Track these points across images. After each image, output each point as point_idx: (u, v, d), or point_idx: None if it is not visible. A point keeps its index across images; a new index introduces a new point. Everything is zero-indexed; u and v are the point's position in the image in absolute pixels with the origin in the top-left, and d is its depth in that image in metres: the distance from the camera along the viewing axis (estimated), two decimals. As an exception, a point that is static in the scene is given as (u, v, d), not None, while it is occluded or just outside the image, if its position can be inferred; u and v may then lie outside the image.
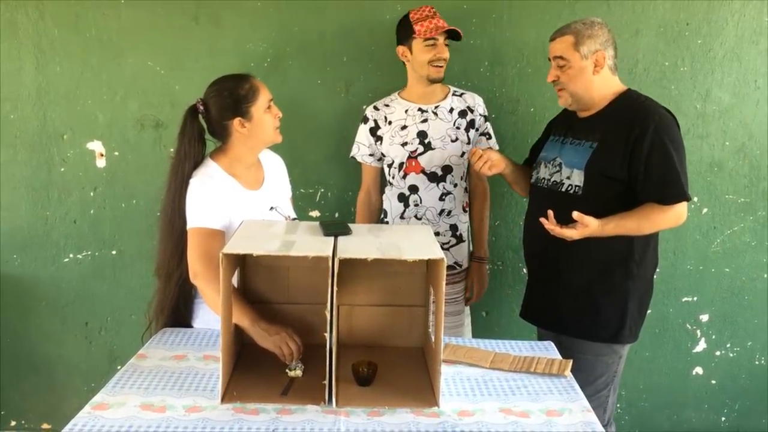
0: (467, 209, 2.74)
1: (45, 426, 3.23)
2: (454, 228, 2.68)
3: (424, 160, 2.62)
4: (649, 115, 2.15)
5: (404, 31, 2.56)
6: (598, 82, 2.23)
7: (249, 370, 1.80)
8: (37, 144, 2.96)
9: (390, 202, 2.70)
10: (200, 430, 1.53)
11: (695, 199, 2.99)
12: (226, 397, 1.66)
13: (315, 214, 2.98)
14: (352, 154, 2.74)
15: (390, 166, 2.68)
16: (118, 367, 1.87)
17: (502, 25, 2.86)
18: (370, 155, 2.71)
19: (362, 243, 1.74)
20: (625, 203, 2.16)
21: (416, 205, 2.64)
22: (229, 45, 2.87)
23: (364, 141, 2.70)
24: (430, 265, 1.84)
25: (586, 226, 2.07)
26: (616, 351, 2.28)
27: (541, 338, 2.39)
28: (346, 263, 1.59)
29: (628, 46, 2.87)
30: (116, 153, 2.97)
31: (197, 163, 2.14)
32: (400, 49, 2.59)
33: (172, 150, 2.91)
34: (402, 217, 2.67)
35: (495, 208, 2.98)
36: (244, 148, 2.16)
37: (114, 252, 3.05)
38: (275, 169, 2.34)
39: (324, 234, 1.79)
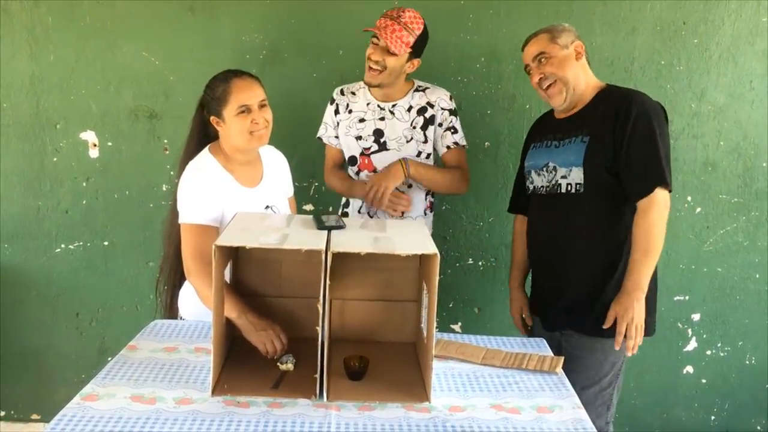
0: (430, 212, 2.67)
1: (34, 416, 3.22)
2: None
3: (376, 160, 2.57)
4: (633, 101, 2.12)
5: None
6: (583, 71, 2.22)
7: (240, 363, 1.80)
8: (30, 133, 2.94)
9: None
10: (190, 422, 1.52)
11: (689, 198, 3.00)
12: (216, 389, 1.65)
13: (309, 207, 2.97)
14: (318, 134, 2.67)
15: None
16: (109, 359, 1.86)
17: (499, 21, 2.86)
18: (336, 137, 2.65)
19: (356, 237, 1.74)
20: (625, 196, 2.14)
21: None
22: (224, 36, 2.86)
23: (330, 122, 2.65)
24: (424, 260, 1.84)
25: (624, 319, 2.05)
26: (621, 349, 2.26)
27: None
28: (339, 257, 1.58)
29: (624, 45, 2.87)
30: (110, 143, 2.95)
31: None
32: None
33: (166, 141, 2.93)
34: (359, 211, 2.64)
35: (489, 205, 2.99)
36: (227, 147, 2.14)
37: (106, 243, 3.04)
38: (276, 167, 2.31)
39: (317, 228, 1.78)
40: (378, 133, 2.57)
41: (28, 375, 3.17)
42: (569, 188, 2.19)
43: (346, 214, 2.66)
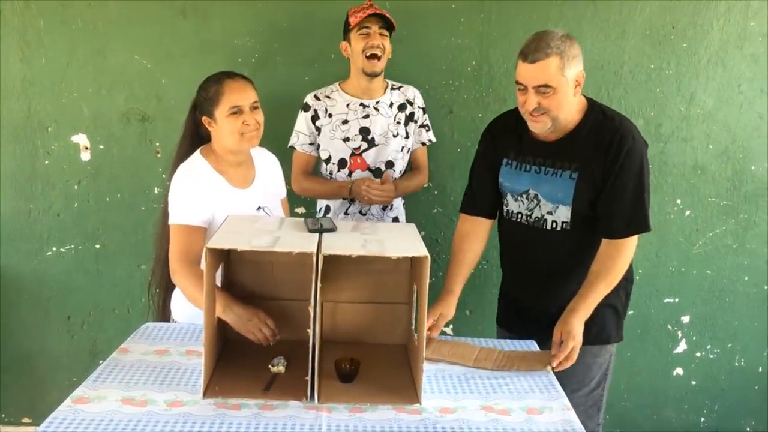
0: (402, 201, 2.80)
1: (25, 420, 3.21)
2: (396, 221, 2.73)
3: (369, 157, 2.63)
4: (623, 136, 2.01)
5: (344, 27, 2.58)
6: (574, 102, 2.04)
7: (231, 365, 1.80)
8: (22, 136, 2.94)
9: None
10: (181, 424, 1.52)
11: (678, 201, 3.02)
12: (207, 392, 1.65)
13: (300, 210, 2.98)
14: (290, 143, 2.69)
15: (327, 161, 2.66)
16: (100, 362, 1.86)
17: (490, 24, 2.88)
18: (310, 144, 2.68)
19: (347, 240, 1.74)
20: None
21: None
22: (216, 40, 2.87)
23: (305, 130, 2.66)
24: (414, 262, 1.84)
25: (574, 340, 1.92)
26: (608, 350, 2.25)
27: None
28: (330, 260, 1.59)
29: (614, 48, 2.89)
30: (101, 146, 2.95)
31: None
32: (343, 44, 2.61)
33: (158, 144, 2.94)
34: (346, 213, 2.68)
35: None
36: (218, 148, 2.16)
37: (97, 246, 3.04)
38: (268, 169, 2.32)
39: (309, 230, 1.79)
40: (364, 131, 2.62)
41: (19, 378, 3.16)
42: (555, 225, 2.11)
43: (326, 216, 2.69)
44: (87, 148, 2.95)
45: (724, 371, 3.20)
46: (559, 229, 2.10)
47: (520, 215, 2.18)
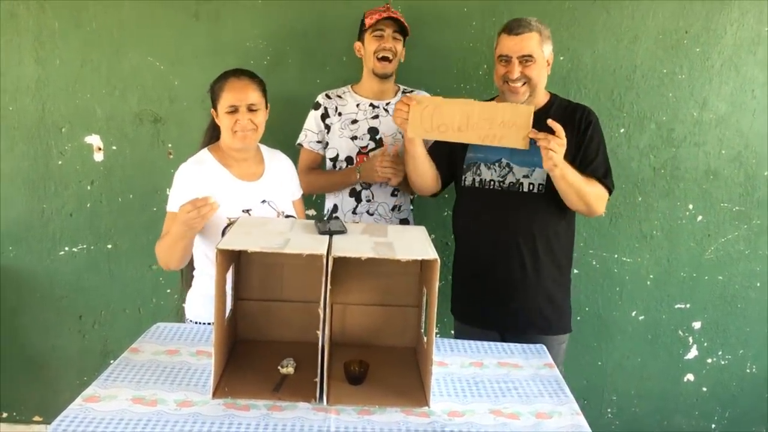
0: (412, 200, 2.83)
1: (37, 418, 3.23)
2: (404, 222, 2.74)
3: None
4: (590, 111, 2.34)
5: (360, 28, 2.60)
6: (545, 81, 2.34)
7: (241, 366, 1.81)
8: (35, 136, 2.96)
9: (342, 197, 2.68)
10: (191, 424, 1.53)
11: (690, 206, 3.00)
12: (217, 392, 1.66)
13: (311, 212, 2.98)
14: (299, 141, 2.71)
15: (334, 159, 2.67)
16: (111, 361, 1.87)
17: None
18: (318, 142, 2.69)
19: (357, 242, 1.75)
20: None
21: (368, 200, 2.66)
22: (228, 42, 2.88)
23: (314, 128, 2.68)
24: (424, 265, 1.85)
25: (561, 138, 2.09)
26: (566, 337, 2.46)
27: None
28: (340, 262, 1.59)
29: (626, 52, 2.88)
30: (114, 147, 2.97)
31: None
32: (357, 45, 2.63)
33: (170, 145, 2.95)
34: (354, 212, 2.67)
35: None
36: (222, 142, 2.23)
37: (109, 246, 3.06)
38: (279, 169, 2.35)
39: (319, 232, 1.80)
40: (373, 131, 2.63)
41: (30, 377, 3.19)
42: (531, 188, 2.29)
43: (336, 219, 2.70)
44: (100, 149, 2.97)
45: (735, 378, 3.18)
46: (535, 191, 2.30)
47: (492, 182, 2.35)
